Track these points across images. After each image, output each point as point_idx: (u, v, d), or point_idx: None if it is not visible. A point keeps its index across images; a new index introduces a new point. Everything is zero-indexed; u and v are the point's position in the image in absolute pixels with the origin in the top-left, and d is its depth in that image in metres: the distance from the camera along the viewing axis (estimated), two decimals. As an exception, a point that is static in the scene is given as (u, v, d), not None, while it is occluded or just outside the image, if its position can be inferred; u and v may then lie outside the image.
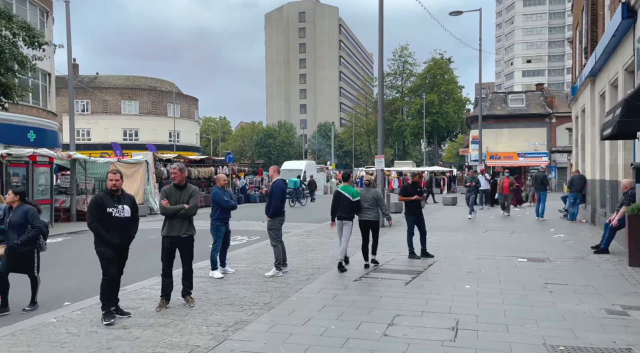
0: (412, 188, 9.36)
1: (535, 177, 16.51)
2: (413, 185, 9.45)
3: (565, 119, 40.76)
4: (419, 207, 9.39)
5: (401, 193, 9.55)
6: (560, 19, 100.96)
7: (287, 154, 79.59)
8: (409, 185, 9.55)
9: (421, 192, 9.58)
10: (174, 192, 5.82)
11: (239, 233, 13.14)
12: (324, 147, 78.64)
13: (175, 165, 5.94)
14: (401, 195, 9.48)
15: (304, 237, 12.02)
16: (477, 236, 12.03)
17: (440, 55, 57.95)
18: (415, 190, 9.33)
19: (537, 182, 15.90)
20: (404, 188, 9.53)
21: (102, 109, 44.90)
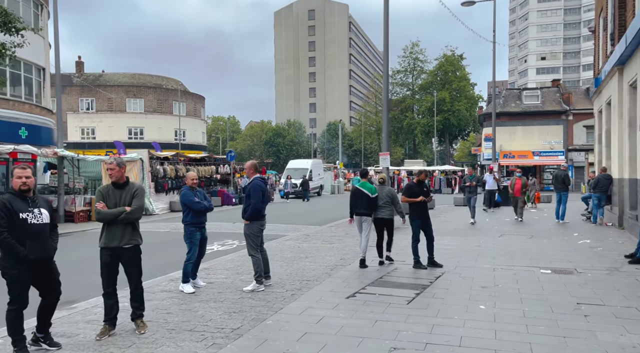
0: (418, 187, 8.16)
1: (555, 176, 15.08)
2: (419, 184, 8.25)
3: (582, 116, 39.12)
4: (426, 209, 8.22)
5: (405, 193, 8.24)
6: (576, 14, 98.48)
7: (297, 153, 78.63)
8: (414, 184, 8.35)
9: (428, 192, 8.22)
10: (112, 192, 4.70)
11: (230, 236, 12.11)
12: (333, 146, 77.49)
13: (113, 159, 4.84)
14: (405, 195, 8.19)
15: (300, 242, 10.94)
16: (492, 241, 10.84)
17: (452, 51, 56.51)
18: (422, 190, 8.12)
19: (557, 182, 14.60)
20: (409, 188, 8.29)
21: (107, 107, 44.35)
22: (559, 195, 14.68)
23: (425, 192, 8.16)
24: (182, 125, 46.71)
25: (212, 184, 24.20)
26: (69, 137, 43.71)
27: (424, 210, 8.17)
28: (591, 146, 38.86)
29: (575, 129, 39.33)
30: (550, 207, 20.08)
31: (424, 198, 8.01)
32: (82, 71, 47.14)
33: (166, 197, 20.10)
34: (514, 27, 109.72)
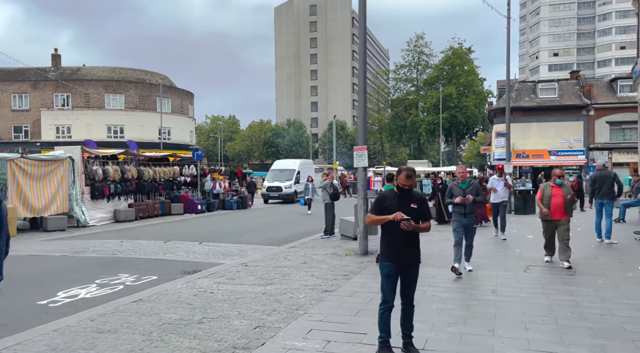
0: (397, 199, 4.91)
1: (599, 177, 11.13)
2: (400, 193, 4.95)
3: (605, 111, 35.10)
4: (411, 238, 4.63)
5: (373, 209, 4.73)
6: (591, 8, 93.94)
7: (297, 153, 75.10)
8: (388, 195, 4.83)
9: (421, 207, 6.27)
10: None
11: (135, 267, 8.47)
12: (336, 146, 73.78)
13: None
14: (372, 211, 4.81)
15: (223, 279, 7.26)
16: (514, 281, 7.09)
17: (460, 44, 52.56)
18: (403, 203, 4.76)
19: (602, 185, 10.78)
20: (380, 200, 4.72)
21: (84, 104, 41.04)
22: (601, 203, 10.86)
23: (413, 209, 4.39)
24: (166, 123, 43.29)
25: (175, 188, 20.63)
26: (43, 135, 40.50)
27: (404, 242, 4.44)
28: (616, 144, 34.87)
29: (597, 125, 35.28)
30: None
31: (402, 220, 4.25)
32: (59, 65, 43.91)
33: (108, 204, 16.54)
34: (525, 22, 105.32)
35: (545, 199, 8.25)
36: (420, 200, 4.27)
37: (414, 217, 4.15)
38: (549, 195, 8.24)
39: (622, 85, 35.96)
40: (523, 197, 18.60)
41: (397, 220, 4.04)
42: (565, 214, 8.14)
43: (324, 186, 12.60)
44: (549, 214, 8.12)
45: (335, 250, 10.17)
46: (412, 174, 4.17)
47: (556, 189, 8.23)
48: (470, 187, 7.55)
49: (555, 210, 8.15)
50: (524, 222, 15.22)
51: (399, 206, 4.17)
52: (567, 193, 8.21)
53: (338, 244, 11.12)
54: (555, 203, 8.18)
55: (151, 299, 6.02)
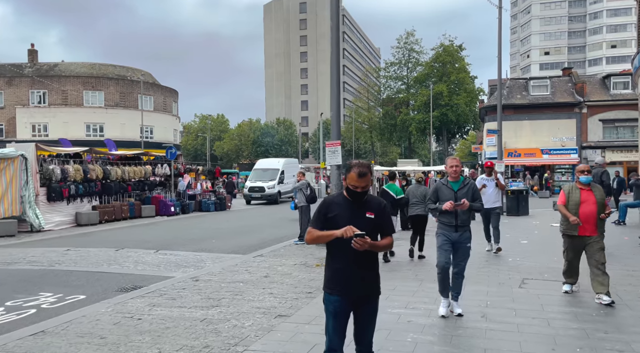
0: (347, 204, 3.69)
1: None
2: (351, 196, 3.73)
3: (598, 108, 34.29)
4: None
5: (312, 222, 3.78)
6: (582, 7, 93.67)
7: (286, 152, 73.81)
8: (335, 198, 3.72)
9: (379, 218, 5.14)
10: None
11: (75, 279, 7.24)
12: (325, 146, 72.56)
13: None
14: (312, 225, 3.84)
15: (162, 301, 6.05)
16: (509, 300, 5.97)
17: (450, 41, 51.62)
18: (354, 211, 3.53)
19: None
20: (321, 207, 3.66)
21: (61, 101, 39.47)
22: None
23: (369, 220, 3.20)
24: (149, 122, 41.86)
25: (147, 189, 19.34)
26: (18, 134, 38.89)
27: (357, 267, 3.27)
28: (609, 143, 34.05)
29: (590, 123, 34.46)
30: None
31: (353, 237, 3.06)
32: (36, 60, 42.27)
33: (68, 207, 15.23)
34: (516, 21, 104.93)
35: (572, 207, 5.90)
36: (379, 207, 3.11)
37: (371, 230, 3.00)
38: (577, 202, 5.88)
39: (615, 82, 35.21)
40: (516, 197, 17.58)
41: (346, 236, 2.88)
42: (596, 228, 5.90)
43: (299, 187, 11.43)
44: (578, 223, 5.77)
45: (307, 260, 9.01)
46: (367, 172, 3.00)
47: (586, 193, 5.90)
48: (465, 188, 5.34)
49: (584, 221, 5.80)
50: (518, 225, 14.17)
51: (350, 217, 3.01)
52: (600, 199, 5.89)
53: (311, 252, 9.95)
54: (586, 212, 5.79)
55: (56, 331, 4.80)
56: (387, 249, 3.13)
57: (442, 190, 5.41)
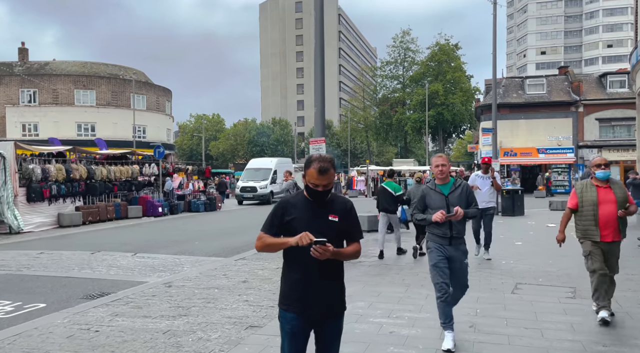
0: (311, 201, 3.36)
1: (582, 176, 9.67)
2: (311, 196, 3.34)
3: (595, 107, 33.99)
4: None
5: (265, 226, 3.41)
6: (578, 6, 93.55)
7: (282, 152, 73.32)
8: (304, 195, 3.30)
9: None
10: None
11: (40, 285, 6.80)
12: (321, 146, 72.07)
13: None
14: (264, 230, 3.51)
15: (129, 310, 5.61)
16: (500, 310, 5.56)
17: (446, 40, 51.27)
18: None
19: None
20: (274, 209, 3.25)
21: (52, 100, 38.89)
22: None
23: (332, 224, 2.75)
24: (141, 121, 41.32)
25: (135, 189, 18.88)
26: (8, 133, 38.26)
27: (318, 279, 2.84)
28: (606, 142, 33.73)
29: (587, 122, 34.16)
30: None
31: (312, 244, 2.64)
32: (26, 59, 41.66)
33: (50, 207, 14.75)
34: (512, 20, 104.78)
35: (587, 209, 4.92)
36: (345, 209, 2.69)
37: (335, 236, 2.58)
38: (594, 201, 4.87)
39: (612, 81, 34.93)
40: (511, 197, 17.20)
41: (302, 244, 2.46)
42: (619, 232, 4.93)
43: (286, 188, 11.01)
44: (597, 234, 4.86)
45: (291, 263, 8.57)
46: (329, 167, 2.57)
47: (605, 192, 4.90)
48: (457, 192, 4.37)
49: (604, 226, 4.84)
50: (513, 225, 13.78)
51: (310, 220, 2.59)
52: (622, 197, 4.90)
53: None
54: (606, 214, 4.83)
55: (1, 346, 4.36)
56: (353, 257, 2.70)
57: (430, 196, 4.39)
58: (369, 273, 7.64)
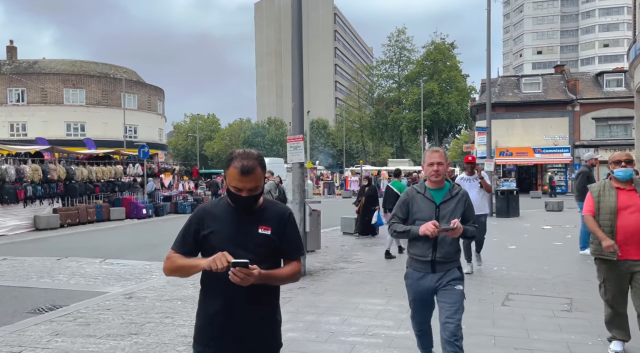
0: None
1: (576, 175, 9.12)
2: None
3: (591, 106, 33.60)
4: None
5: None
6: (574, 6, 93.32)
7: (277, 152, 72.78)
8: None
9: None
10: None
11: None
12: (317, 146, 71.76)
13: None
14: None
15: (64, 329, 5.03)
16: (488, 326, 5.01)
17: (442, 39, 50.78)
18: None
19: (577, 185, 8.77)
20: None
21: (40, 99, 38.19)
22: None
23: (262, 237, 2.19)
24: (132, 121, 40.65)
25: (118, 190, 18.28)
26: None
27: (241, 309, 2.29)
28: (603, 141, 33.30)
29: (583, 121, 33.75)
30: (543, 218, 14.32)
31: (231, 267, 2.10)
32: (15, 57, 40.96)
33: (25, 209, 14.13)
34: (509, 20, 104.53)
35: (605, 217, 3.90)
36: (282, 219, 2.14)
37: (265, 254, 2.04)
38: (612, 208, 3.87)
39: (609, 79, 34.53)
40: (505, 197, 16.68)
41: (218, 268, 1.90)
42: None
43: (267, 189, 10.43)
44: (616, 249, 3.81)
45: (268, 270, 8.00)
46: (254, 166, 2.01)
47: (627, 195, 3.87)
48: (452, 202, 3.26)
49: (627, 239, 3.82)
50: (507, 227, 13.26)
51: (232, 234, 2.04)
52: None
53: (277, 260, 8.97)
54: (629, 224, 3.81)
55: None
56: (291, 280, 2.14)
57: (416, 203, 3.26)
58: (350, 281, 7.09)
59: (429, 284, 3.20)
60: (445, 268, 3.18)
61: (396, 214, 3.34)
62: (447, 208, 3.21)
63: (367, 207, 11.17)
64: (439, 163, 3.20)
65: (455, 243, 3.23)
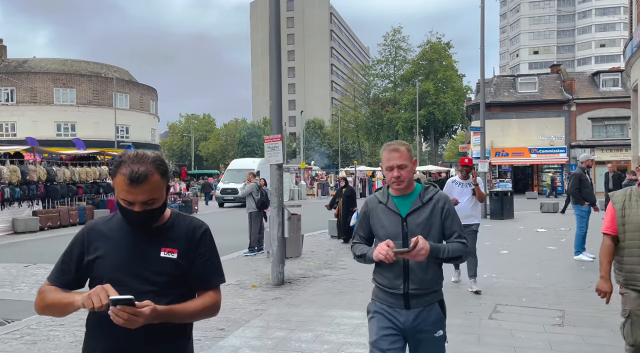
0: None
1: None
2: None
3: (588, 106, 33.28)
4: None
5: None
6: (571, 6, 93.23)
7: (273, 153, 72.36)
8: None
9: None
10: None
11: None
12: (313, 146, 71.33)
13: None
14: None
15: (8, 349, 4.59)
16: (473, 344, 4.59)
17: (438, 38, 50.43)
18: None
19: (570, 187, 8.38)
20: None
21: (30, 98, 37.65)
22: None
23: (163, 264, 1.76)
24: (124, 120, 40.16)
25: (103, 191, 17.81)
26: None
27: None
28: (599, 142, 32.99)
29: (579, 121, 33.43)
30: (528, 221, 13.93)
31: (112, 305, 1.67)
32: (4, 56, 40.40)
33: (2, 212, 13.67)
34: (505, 20, 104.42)
35: (634, 234, 2.94)
36: (192, 237, 1.72)
37: (169, 284, 1.64)
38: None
39: (605, 79, 34.23)
40: (500, 199, 16.30)
41: (94, 308, 1.48)
42: None
43: (249, 191, 10.01)
44: (608, 299, 3.16)
45: (247, 277, 7.60)
46: (146, 174, 1.57)
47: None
48: (424, 211, 2.43)
49: None
50: (500, 230, 12.86)
51: (126, 259, 1.64)
52: None
53: (257, 266, 8.56)
54: None
55: None
56: (206, 316, 1.72)
57: (377, 215, 2.49)
58: (330, 290, 6.67)
59: (402, 324, 2.37)
60: (423, 302, 2.36)
61: (357, 232, 2.55)
62: (417, 221, 2.38)
63: (345, 209, 10.80)
64: (401, 166, 2.36)
65: (435, 267, 2.40)
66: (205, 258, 1.70)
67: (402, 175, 2.37)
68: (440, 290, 2.45)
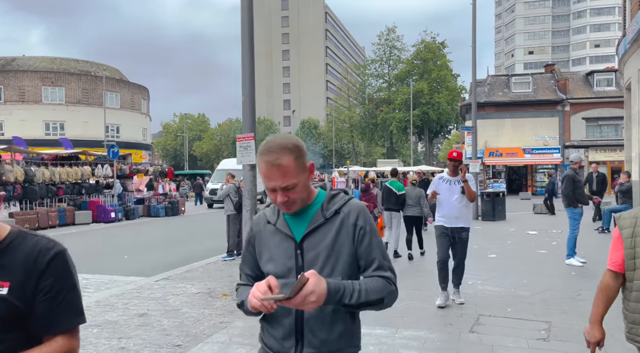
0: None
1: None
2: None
3: (582, 106, 33.04)
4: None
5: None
6: (565, 6, 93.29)
7: (267, 153, 71.88)
8: None
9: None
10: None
11: None
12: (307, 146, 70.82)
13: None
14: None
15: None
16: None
17: (432, 38, 50.14)
18: None
19: (565, 189, 8.04)
20: None
21: (18, 97, 37.06)
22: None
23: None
24: (115, 120, 39.64)
25: (85, 192, 17.34)
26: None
27: None
28: (593, 142, 32.77)
29: (573, 121, 33.18)
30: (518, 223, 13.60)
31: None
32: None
33: (-24, 214, 13.17)
34: (500, 20, 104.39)
35: None
36: (32, 264, 1.28)
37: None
38: None
39: (599, 79, 34.02)
40: (491, 200, 15.96)
41: None
42: None
43: (226, 192, 9.60)
44: (598, 347, 2.20)
45: (219, 285, 7.19)
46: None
47: None
48: (328, 229, 1.58)
49: None
50: (490, 232, 12.50)
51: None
52: None
53: (233, 272, 8.15)
54: None
55: None
56: None
57: (263, 241, 1.67)
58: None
59: None
60: None
61: (242, 269, 1.77)
62: (317, 246, 1.57)
63: None
64: (287, 188, 1.53)
65: (345, 319, 1.59)
66: (51, 294, 1.29)
67: (290, 198, 1.54)
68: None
